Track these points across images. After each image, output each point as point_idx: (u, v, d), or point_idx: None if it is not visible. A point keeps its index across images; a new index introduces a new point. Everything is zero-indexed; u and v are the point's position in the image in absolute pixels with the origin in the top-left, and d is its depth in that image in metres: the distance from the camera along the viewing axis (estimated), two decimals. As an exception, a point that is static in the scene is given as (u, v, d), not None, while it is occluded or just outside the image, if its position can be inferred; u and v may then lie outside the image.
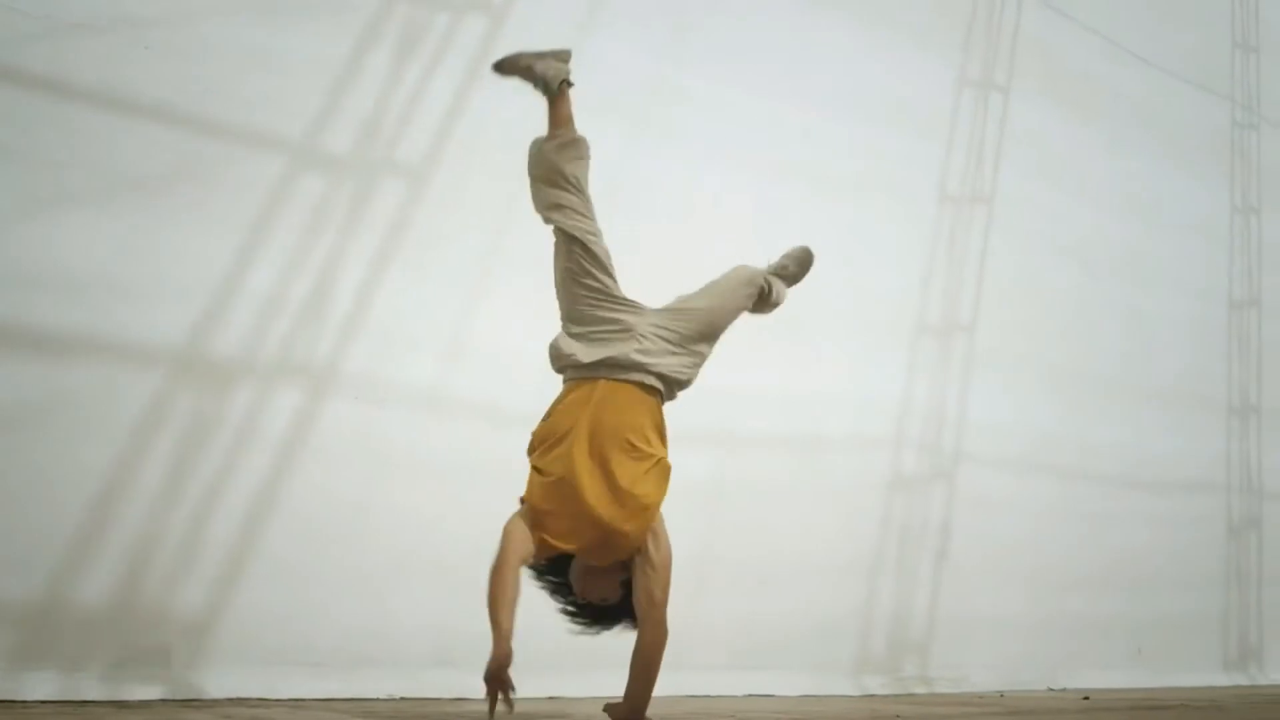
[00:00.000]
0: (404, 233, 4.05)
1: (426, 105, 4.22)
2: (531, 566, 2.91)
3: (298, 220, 3.82)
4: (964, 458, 5.61)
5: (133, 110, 3.52)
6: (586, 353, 2.95)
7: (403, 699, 3.63)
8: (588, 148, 3.19)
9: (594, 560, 2.93)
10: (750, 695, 4.45)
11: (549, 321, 4.20)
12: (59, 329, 3.32)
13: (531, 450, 2.98)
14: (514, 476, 4.13)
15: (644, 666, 2.94)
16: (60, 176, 3.38)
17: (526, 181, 3.25)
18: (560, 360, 3.04)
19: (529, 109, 4.46)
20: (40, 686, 3.09)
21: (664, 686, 4.18)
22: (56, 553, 3.23)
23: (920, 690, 5.12)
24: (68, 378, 3.32)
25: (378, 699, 3.61)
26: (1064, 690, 5.55)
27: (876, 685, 4.97)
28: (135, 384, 3.43)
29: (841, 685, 4.83)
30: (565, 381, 3.05)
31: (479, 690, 3.71)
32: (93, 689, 3.17)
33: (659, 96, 4.83)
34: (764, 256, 5.03)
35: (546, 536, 2.83)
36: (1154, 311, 6.69)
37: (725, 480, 4.72)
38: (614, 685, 3.11)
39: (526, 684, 2.87)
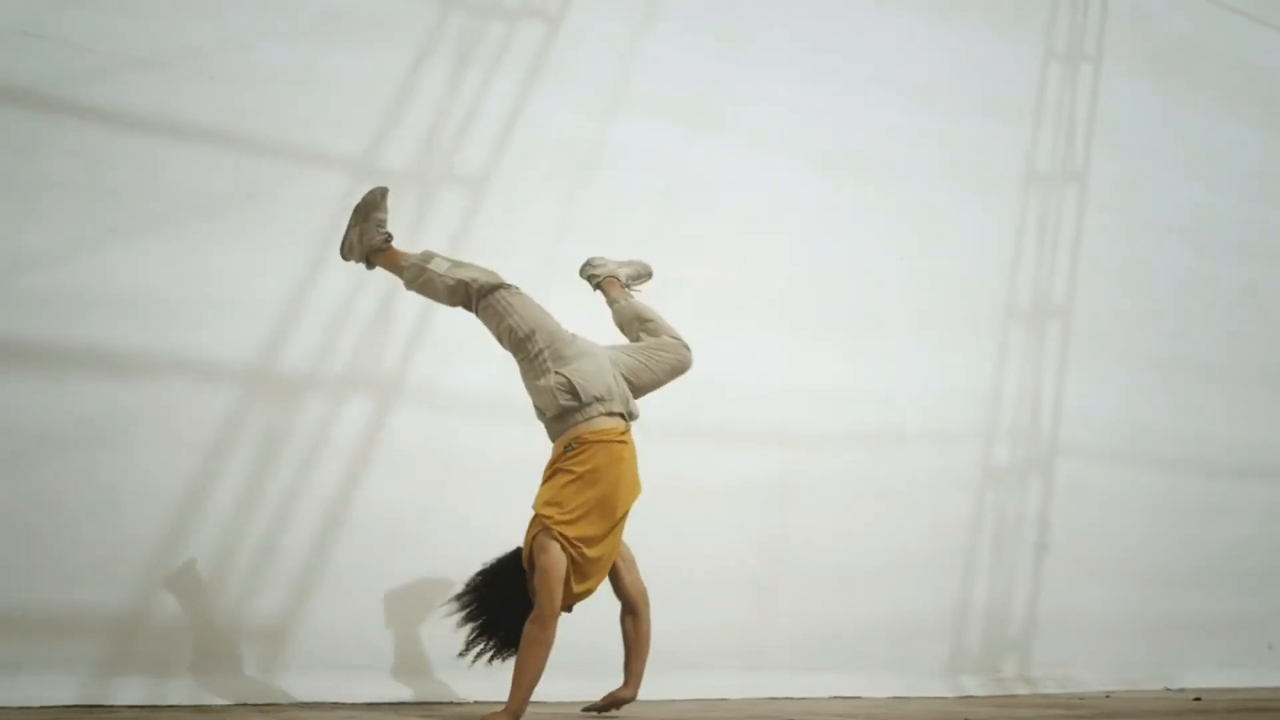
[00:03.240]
0: (464, 243, 4.10)
1: (484, 115, 4.28)
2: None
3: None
4: (1062, 448, 5.37)
5: (196, 137, 3.67)
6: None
7: (475, 702, 3.67)
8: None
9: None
10: (835, 697, 4.35)
11: (608, 324, 4.22)
12: (134, 349, 3.48)
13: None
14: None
15: (649, 647, 3.18)
16: (129, 205, 3.54)
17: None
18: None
19: (586, 113, 4.50)
20: (128, 692, 3.24)
21: (735, 688, 4.15)
22: (140, 564, 3.38)
23: (1023, 691, 4.92)
24: (144, 395, 3.47)
25: (450, 703, 3.66)
26: (1182, 690, 5.25)
27: (974, 686, 4.79)
28: (209, 400, 3.57)
29: (934, 686, 4.67)
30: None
31: (553, 693, 3.76)
32: (176, 694, 3.30)
33: (719, 94, 4.78)
34: (832, 256, 4.95)
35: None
36: (1268, 288, 6.27)
37: (796, 480, 4.63)
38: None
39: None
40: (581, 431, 3.04)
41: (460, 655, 3.14)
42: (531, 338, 3.13)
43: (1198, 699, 4.74)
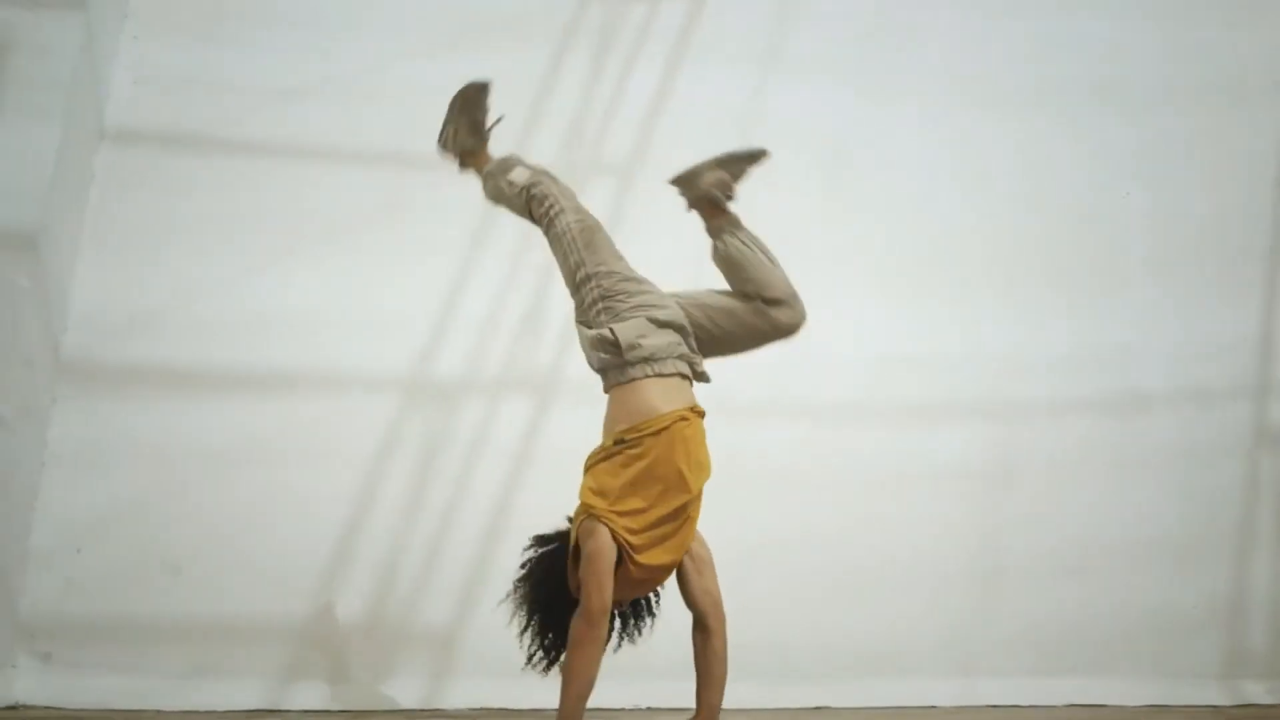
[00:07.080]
0: (617, 229, 3.95)
1: (631, 100, 4.15)
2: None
3: (506, 237, 3.88)
4: (1364, 402, 4.43)
5: (341, 158, 3.80)
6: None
7: (649, 709, 3.50)
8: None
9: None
10: (1072, 705, 3.79)
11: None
12: (297, 367, 3.64)
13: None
14: (740, 472, 3.89)
15: (722, 672, 2.60)
16: (286, 229, 3.72)
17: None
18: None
19: (739, 84, 4.25)
20: (303, 697, 3.35)
21: (947, 695, 3.70)
22: (313, 573, 3.51)
23: (1331, 697, 4.08)
24: (308, 411, 3.61)
25: (623, 709, 3.51)
26: None
27: (1259, 692, 4.02)
28: (370, 411, 3.67)
29: (1204, 693, 3.96)
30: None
31: (733, 699, 3.50)
32: (348, 700, 3.38)
33: (888, 40, 4.40)
34: (1044, 202, 4.37)
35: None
36: None
37: (1017, 458, 4.11)
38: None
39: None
40: (637, 421, 2.59)
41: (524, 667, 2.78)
42: (589, 282, 2.74)
43: None
